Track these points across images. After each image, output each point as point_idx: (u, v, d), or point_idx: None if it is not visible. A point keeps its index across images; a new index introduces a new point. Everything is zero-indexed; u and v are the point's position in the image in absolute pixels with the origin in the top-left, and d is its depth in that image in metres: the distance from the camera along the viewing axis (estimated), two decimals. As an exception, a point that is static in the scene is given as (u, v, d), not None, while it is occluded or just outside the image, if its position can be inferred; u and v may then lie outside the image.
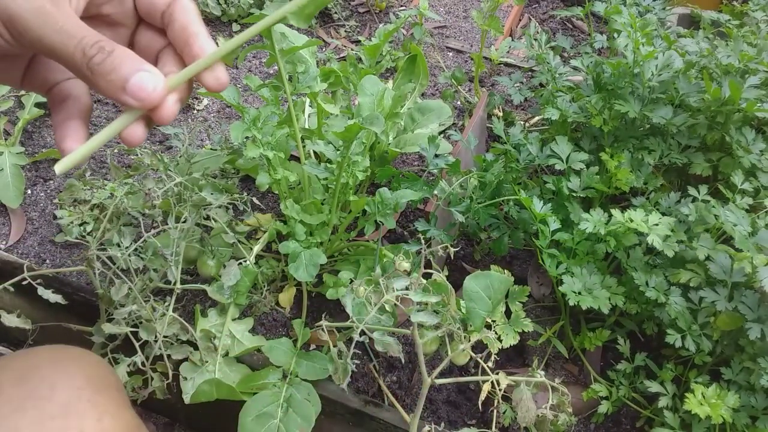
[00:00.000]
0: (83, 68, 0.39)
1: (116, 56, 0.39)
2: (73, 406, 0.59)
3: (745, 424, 0.86)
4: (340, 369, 0.85)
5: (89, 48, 0.39)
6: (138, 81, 0.40)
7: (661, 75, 1.05)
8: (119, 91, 0.40)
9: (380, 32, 1.27)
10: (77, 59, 0.39)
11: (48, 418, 0.56)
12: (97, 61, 0.39)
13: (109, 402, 0.63)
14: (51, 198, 1.33)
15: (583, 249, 1.00)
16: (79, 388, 0.61)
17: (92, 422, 0.59)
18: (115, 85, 0.39)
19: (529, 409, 0.83)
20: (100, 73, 0.39)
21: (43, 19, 0.39)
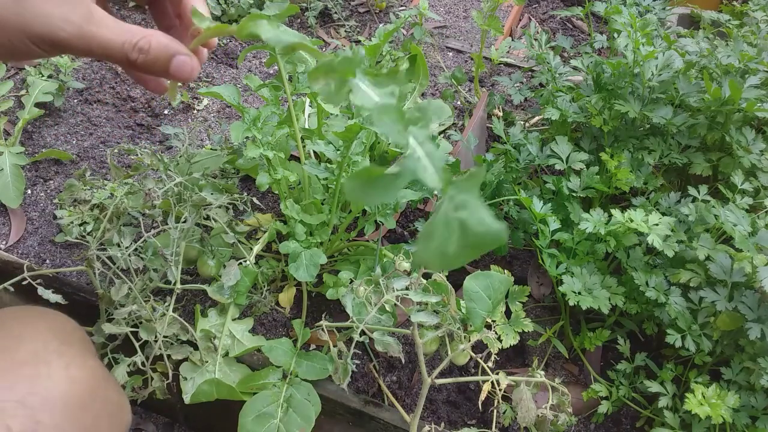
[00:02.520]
0: (131, 67, 0.47)
1: (153, 50, 0.47)
2: (41, 355, 0.63)
3: (745, 424, 0.86)
4: (340, 369, 0.85)
5: (131, 52, 0.46)
6: (178, 65, 0.48)
7: (661, 75, 1.05)
8: (165, 74, 0.48)
9: (380, 32, 1.27)
10: (124, 62, 0.47)
11: (18, 365, 0.61)
12: (141, 61, 0.46)
13: (75, 352, 0.67)
14: (51, 198, 1.33)
15: (583, 249, 1.00)
16: (45, 341, 0.66)
17: (59, 369, 0.63)
18: (161, 72, 0.48)
19: (529, 409, 0.83)
20: (146, 67, 0.47)
21: (86, 41, 0.45)
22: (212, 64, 1.68)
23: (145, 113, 1.50)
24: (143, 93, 1.55)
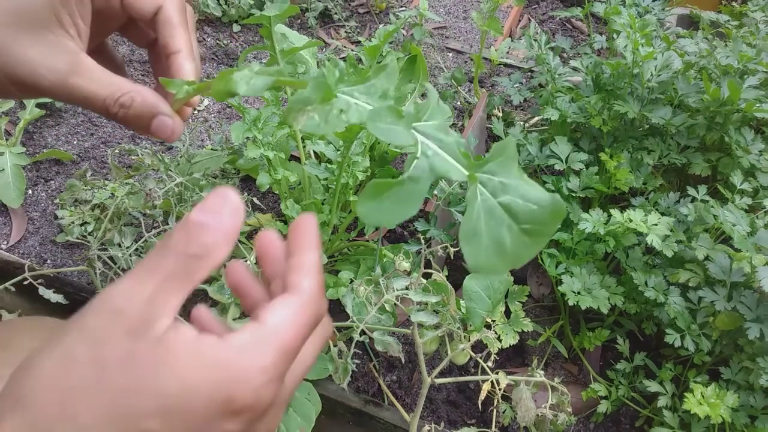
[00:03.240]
0: (112, 119, 0.46)
1: (135, 108, 0.45)
2: None
3: (744, 424, 0.86)
4: (341, 368, 0.85)
5: (113, 107, 0.44)
6: (158, 125, 0.46)
7: (660, 75, 1.06)
8: (146, 132, 0.46)
9: (380, 33, 1.27)
10: (105, 114, 0.45)
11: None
12: (121, 115, 0.45)
13: None
14: (52, 198, 1.33)
15: (582, 249, 1.00)
16: None
17: None
18: (142, 129, 0.46)
19: (529, 409, 0.83)
20: (126, 123, 0.45)
21: (68, 92, 0.43)
22: (212, 65, 1.68)
23: (146, 114, 1.51)
24: (144, 93, 1.55)
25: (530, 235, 0.32)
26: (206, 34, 1.77)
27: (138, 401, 0.32)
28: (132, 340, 0.33)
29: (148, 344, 0.33)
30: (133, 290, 0.34)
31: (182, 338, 0.34)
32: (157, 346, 0.33)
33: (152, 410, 0.32)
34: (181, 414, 0.32)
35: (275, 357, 0.35)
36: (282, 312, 0.36)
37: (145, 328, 0.33)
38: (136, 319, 0.33)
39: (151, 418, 0.32)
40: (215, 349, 0.34)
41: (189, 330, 0.34)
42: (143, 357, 0.33)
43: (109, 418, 0.31)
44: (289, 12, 0.84)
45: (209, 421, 0.33)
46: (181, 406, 0.32)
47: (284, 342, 0.35)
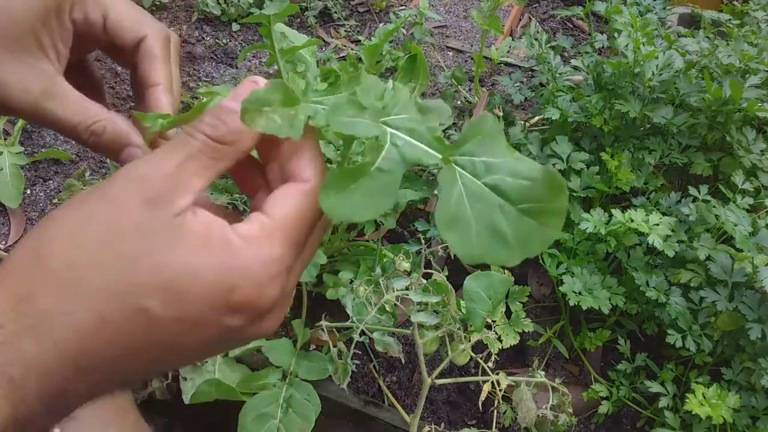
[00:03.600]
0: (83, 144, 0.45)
1: (107, 136, 0.44)
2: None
3: (746, 425, 0.86)
4: (340, 369, 0.85)
5: (83, 133, 0.43)
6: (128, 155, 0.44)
7: (661, 75, 1.05)
8: (115, 159, 0.45)
9: (380, 32, 1.27)
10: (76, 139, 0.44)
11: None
12: (92, 142, 0.44)
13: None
14: (50, 198, 1.33)
15: (583, 249, 0.99)
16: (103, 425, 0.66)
17: None
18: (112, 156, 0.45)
19: (530, 410, 0.83)
20: (97, 149, 0.44)
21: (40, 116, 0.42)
22: (212, 64, 1.68)
23: (145, 113, 1.50)
24: (143, 93, 1.55)
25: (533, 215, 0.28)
26: (205, 33, 1.76)
27: (141, 275, 0.32)
28: (148, 209, 0.33)
29: (163, 218, 0.33)
30: (158, 162, 0.34)
31: (198, 220, 0.34)
32: (171, 221, 0.33)
33: (153, 288, 0.32)
34: (181, 295, 0.32)
35: (282, 252, 0.34)
36: (287, 205, 0.35)
37: (164, 200, 0.33)
38: (157, 189, 0.33)
39: (150, 295, 0.32)
40: (225, 236, 0.34)
41: (206, 214, 0.34)
42: (155, 230, 0.33)
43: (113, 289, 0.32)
44: (289, 11, 0.83)
45: (209, 311, 0.33)
46: (182, 288, 0.32)
47: (290, 236, 0.35)
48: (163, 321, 0.32)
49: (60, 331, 0.30)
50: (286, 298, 0.37)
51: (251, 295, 0.34)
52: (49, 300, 0.31)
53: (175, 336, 0.33)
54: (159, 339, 0.33)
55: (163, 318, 0.32)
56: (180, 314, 0.32)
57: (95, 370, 0.32)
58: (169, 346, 0.33)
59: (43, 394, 0.31)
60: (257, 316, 0.35)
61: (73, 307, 0.31)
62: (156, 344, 0.33)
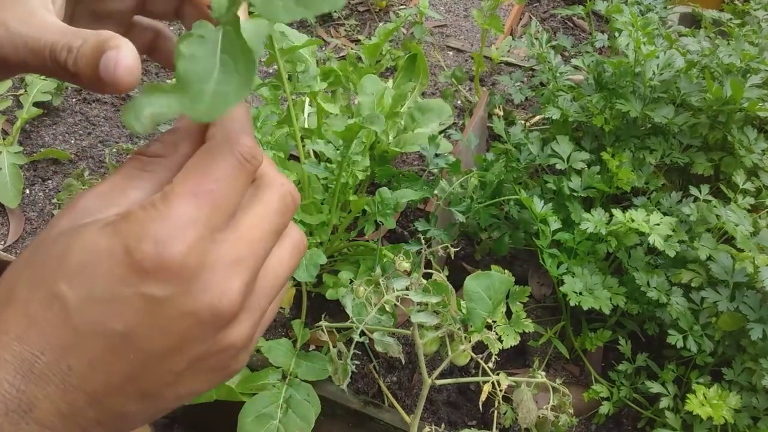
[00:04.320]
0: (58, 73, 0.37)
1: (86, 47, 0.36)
2: None
3: (747, 425, 0.85)
4: (340, 370, 0.85)
5: (60, 52, 0.36)
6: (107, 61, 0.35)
7: (662, 74, 1.05)
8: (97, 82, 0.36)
9: (380, 31, 1.27)
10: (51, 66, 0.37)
11: None
12: (69, 61, 0.36)
13: None
14: (49, 198, 1.32)
15: (584, 249, 0.99)
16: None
17: None
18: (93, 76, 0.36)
19: (530, 410, 0.83)
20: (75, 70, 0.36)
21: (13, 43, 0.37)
22: (212, 64, 1.67)
23: (145, 112, 1.50)
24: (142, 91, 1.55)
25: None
26: (205, 32, 1.76)
27: (50, 267, 0.32)
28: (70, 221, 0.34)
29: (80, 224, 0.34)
30: (96, 186, 0.35)
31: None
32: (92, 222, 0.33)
33: (59, 274, 0.31)
34: (84, 272, 0.31)
35: (179, 202, 0.31)
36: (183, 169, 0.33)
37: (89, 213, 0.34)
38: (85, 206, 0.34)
39: (59, 281, 0.31)
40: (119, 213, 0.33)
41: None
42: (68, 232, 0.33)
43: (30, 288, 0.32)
44: (289, 10, 0.83)
45: (116, 282, 0.31)
46: (82, 265, 0.31)
47: (188, 185, 0.32)
48: (77, 303, 0.31)
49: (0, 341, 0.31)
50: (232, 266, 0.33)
51: (152, 253, 0.30)
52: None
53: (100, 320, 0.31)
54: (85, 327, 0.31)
55: (75, 299, 0.31)
56: (90, 292, 0.31)
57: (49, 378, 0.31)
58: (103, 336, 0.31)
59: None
60: (179, 279, 0.31)
61: (5, 315, 0.31)
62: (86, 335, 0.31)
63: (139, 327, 0.31)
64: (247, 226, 0.34)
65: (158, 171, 0.35)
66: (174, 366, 0.34)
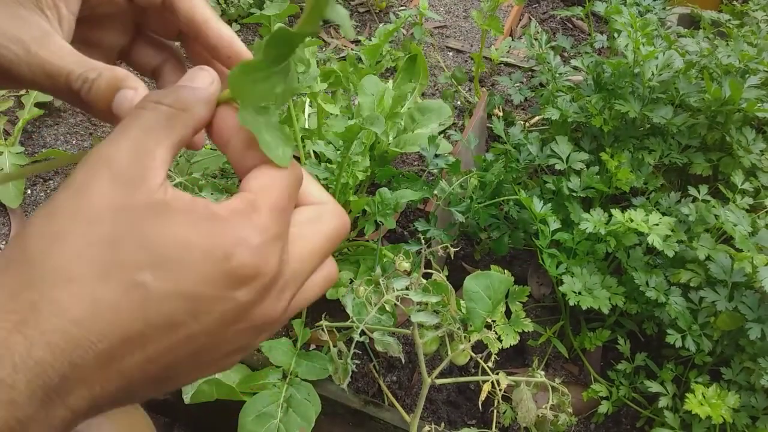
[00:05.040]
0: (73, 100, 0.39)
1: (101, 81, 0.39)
2: None
3: (746, 424, 0.86)
4: (340, 369, 0.85)
5: (75, 81, 0.38)
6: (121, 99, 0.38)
7: (661, 75, 1.05)
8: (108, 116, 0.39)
9: (380, 32, 1.27)
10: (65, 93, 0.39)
11: None
12: (84, 91, 0.38)
13: None
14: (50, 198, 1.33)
15: (583, 249, 1.00)
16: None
17: None
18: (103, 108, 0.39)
19: (530, 409, 0.83)
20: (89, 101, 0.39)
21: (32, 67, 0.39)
22: (212, 64, 1.68)
23: (145, 113, 1.50)
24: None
25: None
26: (206, 33, 1.76)
27: (129, 252, 0.30)
28: (120, 189, 0.31)
29: (141, 195, 0.32)
30: (115, 140, 0.33)
31: (180, 196, 0.33)
32: (149, 197, 0.32)
33: (144, 262, 0.30)
34: (174, 266, 0.30)
35: (269, 217, 0.33)
36: (263, 178, 0.35)
37: (134, 175, 0.32)
38: (123, 165, 0.32)
39: (143, 269, 0.30)
40: (210, 209, 0.33)
41: (182, 193, 0.33)
42: (135, 207, 0.31)
43: (100, 270, 0.30)
44: (289, 11, 0.84)
45: (208, 283, 0.31)
46: (175, 259, 0.31)
47: (273, 203, 0.34)
48: (162, 295, 0.30)
49: (48, 322, 0.28)
50: (291, 283, 0.35)
51: (250, 262, 0.32)
52: (35, 293, 0.29)
53: (181, 314, 0.31)
54: (161, 320, 0.30)
55: (161, 291, 0.30)
56: (177, 287, 0.30)
57: (95, 365, 0.29)
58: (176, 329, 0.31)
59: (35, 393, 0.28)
60: (263, 288, 0.33)
61: (57, 295, 0.29)
62: (159, 327, 0.30)
63: (213, 326, 0.32)
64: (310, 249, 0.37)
65: (179, 127, 0.35)
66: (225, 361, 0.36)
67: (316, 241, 0.37)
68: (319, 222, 0.38)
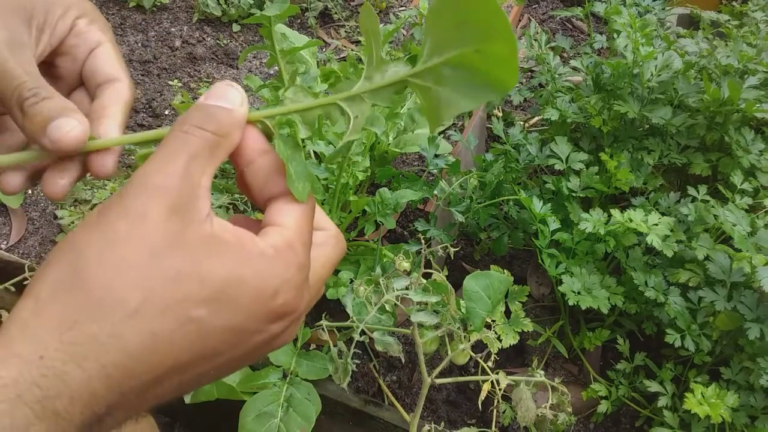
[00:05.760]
0: (16, 106, 0.39)
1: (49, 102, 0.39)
2: None
3: (744, 424, 0.86)
4: (341, 369, 0.85)
5: (26, 91, 0.39)
6: (58, 123, 0.38)
7: (660, 75, 1.06)
8: (40, 132, 0.38)
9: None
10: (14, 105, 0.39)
11: None
12: (30, 104, 0.39)
13: None
14: (51, 198, 1.33)
15: (582, 249, 1.00)
16: None
17: None
18: (39, 126, 0.38)
19: (529, 409, 0.83)
20: (30, 115, 0.39)
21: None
22: (212, 65, 1.68)
23: (146, 113, 1.50)
24: (144, 93, 1.55)
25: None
26: (206, 33, 1.77)
27: (187, 288, 0.32)
28: (176, 220, 0.32)
29: (194, 228, 0.33)
30: (167, 168, 0.34)
31: (226, 228, 0.34)
32: (202, 232, 0.33)
33: (201, 298, 0.32)
34: (229, 304, 0.32)
35: (305, 257, 0.37)
36: (295, 215, 0.38)
37: (188, 209, 0.33)
38: (177, 197, 0.33)
39: (198, 305, 0.32)
40: (257, 246, 0.35)
41: (226, 224, 0.35)
42: (190, 242, 0.32)
43: (160, 305, 0.31)
44: (289, 12, 0.84)
45: (256, 318, 0.34)
46: (229, 296, 0.32)
47: (305, 242, 0.37)
48: (214, 330, 0.32)
49: (109, 355, 0.30)
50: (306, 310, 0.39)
51: (291, 300, 0.35)
52: (94, 325, 0.30)
53: (224, 346, 0.33)
54: (207, 350, 0.33)
55: (214, 327, 0.32)
56: (229, 322, 0.33)
57: (139, 392, 0.31)
58: (215, 358, 0.33)
59: (84, 423, 0.30)
60: (294, 320, 0.36)
61: (119, 329, 0.30)
62: (204, 357, 0.33)
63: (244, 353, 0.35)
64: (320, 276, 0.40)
65: (220, 154, 0.37)
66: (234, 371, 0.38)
67: (324, 268, 0.40)
68: (326, 247, 0.41)
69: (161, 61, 1.65)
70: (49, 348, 0.29)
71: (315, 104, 0.41)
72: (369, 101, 0.40)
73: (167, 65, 1.64)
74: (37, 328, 0.29)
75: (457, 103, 0.36)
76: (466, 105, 0.36)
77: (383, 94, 0.39)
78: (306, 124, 0.41)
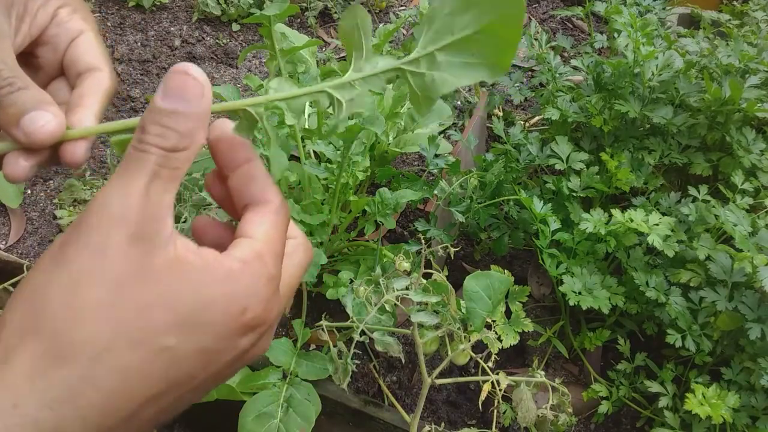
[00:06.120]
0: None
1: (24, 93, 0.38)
2: None
3: (746, 424, 0.86)
4: (341, 369, 0.85)
5: (1, 80, 0.38)
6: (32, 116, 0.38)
7: (661, 75, 1.05)
8: (13, 124, 0.38)
9: (380, 32, 1.27)
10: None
11: None
12: (4, 93, 0.38)
13: None
14: (51, 198, 1.33)
15: (583, 249, 1.00)
16: None
17: None
18: (13, 118, 0.38)
19: (530, 409, 0.83)
20: (3, 105, 0.38)
21: None
22: (212, 64, 1.68)
23: (145, 113, 1.50)
24: (143, 93, 1.55)
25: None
26: (205, 33, 1.76)
27: (154, 318, 0.31)
28: (137, 249, 0.32)
29: (158, 253, 0.32)
30: (125, 194, 0.32)
31: (189, 248, 0.34)
32: (166, 255, 0.32)
33: (168, 326, 0.31)
34: (197, 328, 0.32)
35: (274, 267, 0.36)
36: (265, 225, 0.37)
37: (149, 235, 0.32)
38: (137, 223, 0.32)
39: (167, 333, 0.31)
40: (222, 262, 0.34)
41: (190, 242, 0.34)
42: (156, 269, 0.32)
43: (130, 338, 0.31)
44: (289, 11, 0.83)
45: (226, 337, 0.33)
46: (197, 320, 0.32)
47: (275, 251, 0.36)
48: (185, 355, 0.32)
49: (83, 398, 0.29)
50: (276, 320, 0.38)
51: (260, 313, 0.34)
52: (64, 370, 0.29)
53: (196, 369, 0.33)
54: (182, 376, 0.32)
55: (185, 352, 0.32)
56: (200, 345, 0.32)
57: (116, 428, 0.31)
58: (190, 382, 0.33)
59: None
60: (265, 332, 0.36)
61: (91, 370, 0.30)
62: (179, 383, 0.32)
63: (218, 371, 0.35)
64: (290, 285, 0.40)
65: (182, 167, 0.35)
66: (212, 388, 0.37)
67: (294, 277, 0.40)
68: (295, 256, 0.40)
69: (161, 60, 1.65)
70: (22, 396, 0.29)
71: (302, 92, 0.41)
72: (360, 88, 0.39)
73: (167, 65, 1.63)
74: (9, 377, 0.29)
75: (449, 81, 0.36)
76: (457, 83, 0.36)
77: (374, 81, 0.39)
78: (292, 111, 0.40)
